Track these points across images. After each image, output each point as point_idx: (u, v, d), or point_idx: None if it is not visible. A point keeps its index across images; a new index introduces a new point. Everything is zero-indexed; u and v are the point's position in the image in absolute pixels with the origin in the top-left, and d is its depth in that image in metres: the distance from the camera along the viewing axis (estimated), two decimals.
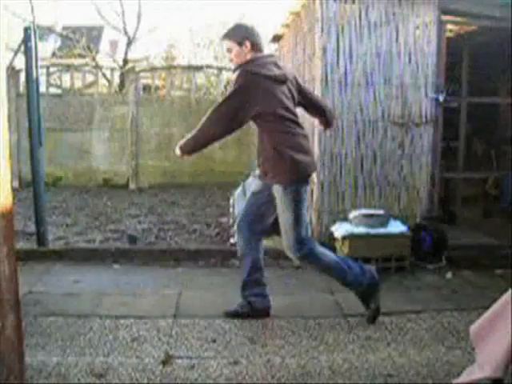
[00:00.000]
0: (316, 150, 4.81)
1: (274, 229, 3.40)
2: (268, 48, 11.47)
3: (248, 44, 3.24)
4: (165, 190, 8.96)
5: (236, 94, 3.14)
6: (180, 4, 28.30)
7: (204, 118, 3.19)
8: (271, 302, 3.49)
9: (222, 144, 9.67)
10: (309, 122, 5.21)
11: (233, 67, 3.39)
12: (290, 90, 3.29)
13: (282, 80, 3.24)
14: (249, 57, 3.25)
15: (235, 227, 3.59)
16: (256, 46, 3.27)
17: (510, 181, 6.32)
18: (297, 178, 3.21)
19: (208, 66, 11.23)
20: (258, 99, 3.13)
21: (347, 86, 4.73)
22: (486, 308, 2.36)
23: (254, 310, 3.41)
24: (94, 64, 11.65)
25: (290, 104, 3.27)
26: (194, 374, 2.72)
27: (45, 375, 2.65)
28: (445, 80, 5.05)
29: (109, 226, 6.23)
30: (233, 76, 3.29)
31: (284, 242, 3.29)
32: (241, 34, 3.26)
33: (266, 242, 5.08)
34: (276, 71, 3.23)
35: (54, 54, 15.68)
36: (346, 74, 4.73)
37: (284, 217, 3.23)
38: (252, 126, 3.42)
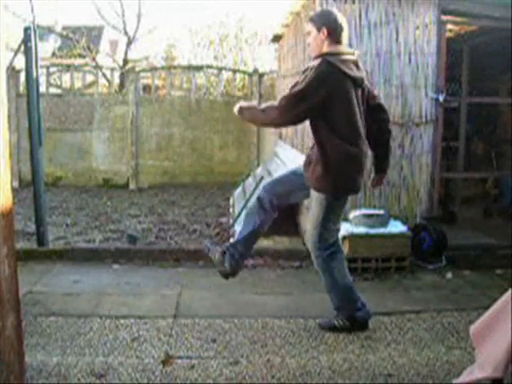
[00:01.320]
0: None
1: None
2: (268, 48, 11.46)
3: (325, 31, 3.11)
4: (165, 190, 8.96)
5: (312, 83, 2.96)
6: (180, 4, 28.33)
7: (273, 103, 3.11)
8: (267, 301, 3.49)
9: (222, 144, 9.71)
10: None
11: (311, 53, 3.27)
12: (362, 97, 3.16)
13: (359, 83, 3.10)
14: (326, 44, 3.11)
15: (259, 193, 3.42)
16: (334, 36, 3.11)
17: (510, 181, 6.32)
18: (332, 192, 3.13)
19: (208, 66, 11.24)
20: (329, 94, 2.97)
21: None
22: (486, 308, 2.36)
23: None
24: (94, 64, 11.66)
25: (358, 111, 3.10)
26: (194, 373, 2.72)
27: (45, 375, 2.65)
28: (445, 80, 5.05)
29: (109, 226, 6.23)
30: (312, 63, 3.10)
31: (309, 237, 3.27)
32: (321, 20, 3.16)
33: (267, 242, 5.12)
34: (356, 72, 3.09)
35: (53, 54, 15.70)
36: None
37: (313, 213, 3.21)
38: (252, 127, 3.42)
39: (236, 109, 3.24)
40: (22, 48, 4.85)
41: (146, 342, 3.07)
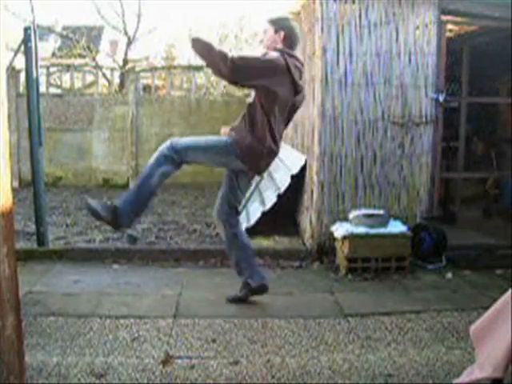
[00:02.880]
0: (316, 150, 4.81)
1: None
2: None
3: (282, 35, 3.45)
4: (165, 190, 8.95)
5: (266, 60, 3.33)
6: (180, 4, 28.33)
7: (228, 54, 3.22)
8: (267, 301, 3.52)
9: None
10: (309, 121, 5.22)
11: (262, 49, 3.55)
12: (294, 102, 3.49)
13: (297, 89, 3.41)
14: (279, 46, 3.44)
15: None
16: (288, 42, 3.46)
17: (510, 181, 6.32)
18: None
19: None
20: (275, 78, 3.29)
21: (347, 85, 4.73)
22: (486, 308, 2.36)
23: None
24: (94, 64, 11.65)
25: (283, 111, 3.42)
26: (194, 373, 2.72)
27: (45, 375, 2.65)
28: (445, 80, 5.04)
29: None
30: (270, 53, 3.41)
31: (224, 209, 3.66)
32: (280, 24, 3.49)
33: (267, 242, 5.12)
34: (298, 78, 3.41)
35: (53, 54, 15.71)
36: (346, 73, 4.72)
37: (244, 195, 3.68)
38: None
39: (194, 37, 3.33)
40: (22, 48, 4.85)
41: (146, 342, 3.07)
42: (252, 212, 5.58)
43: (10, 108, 8.12)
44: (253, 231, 5.18)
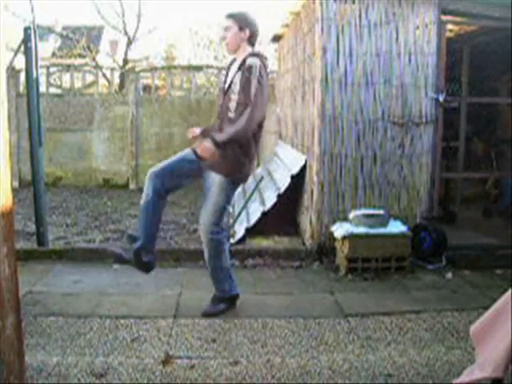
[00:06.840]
0: (316, 150, 4.81)
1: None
2: (268, 48, 11.45)
3: (247, 32, 3.42)
4: None
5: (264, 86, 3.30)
6: (180, 4, 28.34)
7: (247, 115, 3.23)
8: (267, 301, 3.53)
9: None
10: (309, 121, 5.22)
11: (226, 47, 3.52)
12: None
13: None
14: (245, 44, 3.42)
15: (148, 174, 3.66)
16: (252, 39, 3.46)
17: (510, 181, 6.32)
18: (237, 176, 3.45)
19: (208, 66, 11.24)
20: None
21: (347, 85, 4.73)
22: (486, 308, 2.36)
23: None
24: (94, 64, 11.65)
25: None
26: (194, 373, 2.72)
27: (45, 375, 2.65)
28: (445, 80, 5.04)
29: (109, 226, 6.23)
30: (249, 60, 3.31)
31: (204, 220, 3.45)
32: (246, 21, 3.43)
33: (267, 242, 5.12)
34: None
35: (53, 54, 15.71)
36: (346, 73, 4.72)
37: (217, 199, 3.41)
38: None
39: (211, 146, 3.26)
40: (22, 48, 4.85)
41: (146, 342, 3.07)
42: (252, 212, 5.58)
43: (10, 108, 8.12)
44: (253, 231, 5.19)
